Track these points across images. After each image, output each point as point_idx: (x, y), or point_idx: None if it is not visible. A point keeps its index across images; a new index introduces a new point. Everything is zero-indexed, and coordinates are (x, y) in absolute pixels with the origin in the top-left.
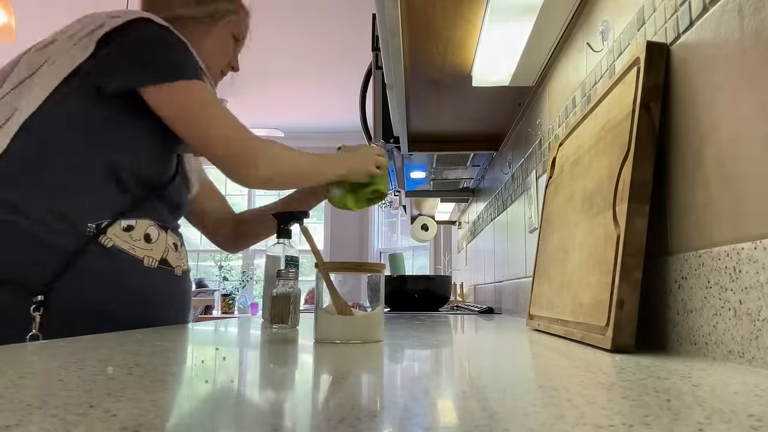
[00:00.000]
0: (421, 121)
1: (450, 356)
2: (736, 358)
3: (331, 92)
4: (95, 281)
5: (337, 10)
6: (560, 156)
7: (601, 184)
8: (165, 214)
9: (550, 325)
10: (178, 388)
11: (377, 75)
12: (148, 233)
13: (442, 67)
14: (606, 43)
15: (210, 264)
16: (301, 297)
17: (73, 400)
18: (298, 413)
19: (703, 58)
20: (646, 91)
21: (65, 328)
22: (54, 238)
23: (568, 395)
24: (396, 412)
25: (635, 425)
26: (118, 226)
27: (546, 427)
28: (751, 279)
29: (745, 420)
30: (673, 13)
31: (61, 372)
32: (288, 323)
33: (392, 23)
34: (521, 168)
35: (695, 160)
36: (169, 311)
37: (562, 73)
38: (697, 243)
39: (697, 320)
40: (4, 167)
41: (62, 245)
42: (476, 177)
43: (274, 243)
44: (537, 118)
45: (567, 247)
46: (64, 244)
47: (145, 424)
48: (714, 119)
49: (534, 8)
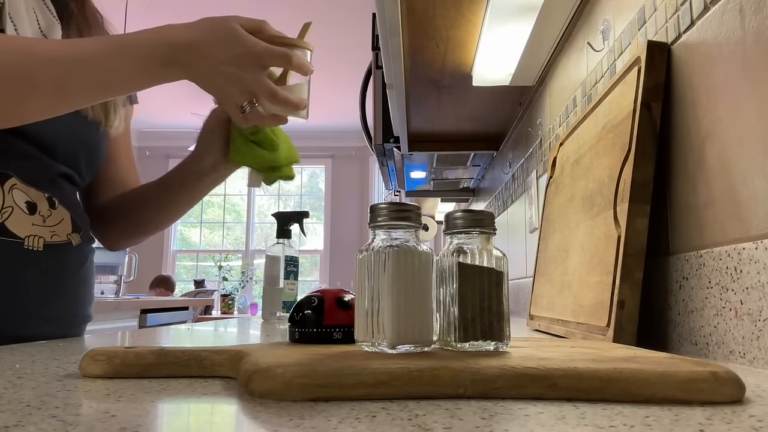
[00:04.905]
0: (421, 121)
1: None
2: (737, 358)
3: (331, 92)
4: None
5: (337, 10)
6: (561, 156)
7: (601, 184)
8: (10, 155)
9: (550, 325)
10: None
11: (377, 75)
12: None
13: (442, 67)
14: (607, 42)
15: (210, 264)
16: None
17: (72, 400)
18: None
19: (704, 57)
20: (647, 91)
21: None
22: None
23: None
24: (396, 413)
25: (636, 426)
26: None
27: (546, 428)
28: (752, 279)
29: (746, 420)
30: (674, 13)
31: (60, 372)
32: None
33: (392, 23)
34: (522, 168)
35: (696, 159)
36: (21, 307)
37: (562, 73)
38: (698, 243)
39: (698, 320)
40: None
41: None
42: (476, 177)
43: (274, 243)
44: (537, 117)
45: (568, 247)
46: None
47: (144, 424)
48: (715, 119)
49: (534, 8)
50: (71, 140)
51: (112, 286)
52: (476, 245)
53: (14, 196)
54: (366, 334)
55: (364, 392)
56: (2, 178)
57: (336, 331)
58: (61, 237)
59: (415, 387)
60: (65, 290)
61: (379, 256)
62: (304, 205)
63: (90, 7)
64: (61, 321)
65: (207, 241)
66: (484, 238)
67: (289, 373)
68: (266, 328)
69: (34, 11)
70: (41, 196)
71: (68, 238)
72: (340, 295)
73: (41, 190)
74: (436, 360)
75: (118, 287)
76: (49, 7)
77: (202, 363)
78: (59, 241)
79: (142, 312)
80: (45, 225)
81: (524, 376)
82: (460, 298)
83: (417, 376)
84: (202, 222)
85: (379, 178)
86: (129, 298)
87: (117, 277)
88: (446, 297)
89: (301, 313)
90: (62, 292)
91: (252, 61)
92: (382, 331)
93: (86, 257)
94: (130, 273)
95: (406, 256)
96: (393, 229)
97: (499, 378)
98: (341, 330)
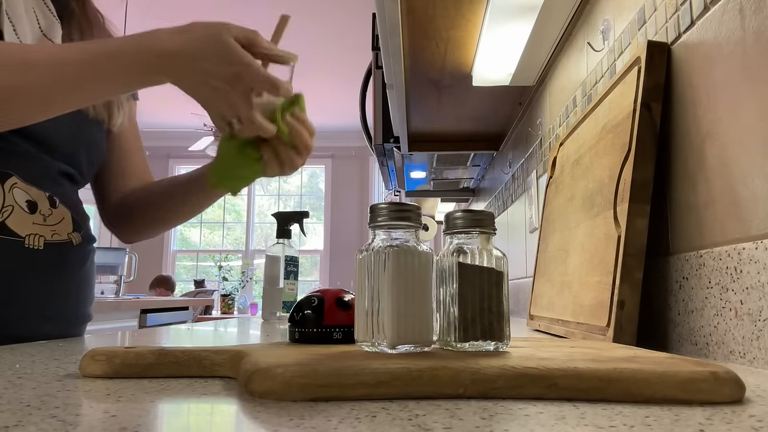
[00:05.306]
0: (421, 121)
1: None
2: (738, 358)
3: (331, 92)
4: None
5: (337, 9)
6: (561, 156)
7: (601, 184)
8: (11, 153)
9: (550, 325)
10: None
11: (377, 75)
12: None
13: (442, 67)
14: (607, 42)
15: (210, 264)
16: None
17: (72, 400)
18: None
19: (704, 57)
20: (647, 91)
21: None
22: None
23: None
24: (396, 413)
25: (636, 426)
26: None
27: (546, 428)
28: (752, 279)
29: (746, 420)
30: (674, 13)
31: (60, 372)
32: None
33: (392, 23)
34: (522, 168)
35: (696, 159)
36: (21, 306)
37: (562, 73)
38: (698, 243)
39: (698, 320)
40: None
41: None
42: (476, 177)
43: (274, 243)
44: (537, 117)
45: (568, 247)
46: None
47: (144, 424)
48: (715, 119)
49: (534, 8)
50: (72, 139)
51: (112, 286)
52: (476, 245)
53: (15, 195)
54: (366, 334)
55: (364, 392)
56: (3, 177)
57: (336, 331)
58: (62, 236)
59: (415, 387)
60: (66, 289)
61: (379, 256)
62: (304, 205)
63: (91, 8)
64: (61, 320)
65: (207, 241)
66: (484, 238)
67: (289, 373)
68: (266, 328)
69: (34, 11)
70: (42, 195)
71: (69, 237)
72: (340, 295)
73: (42, 189)
74: (436, 360)
75: (118, 287)
76: (50, 6)
77: (202, 363)
78: (60, 240)
79: (142, 312)
80: (46, 224)
81: (524, 376)
82: (460, 298)
83: (417, 376)
84: (202, 222)
85: (379, 178)
86: (129, 298)
87: (117, 277)
88: (446, 297)
89: (301, 313)
90: (63, 291)
91: (243, 81)
92: (382, 331)
93: (87, 256)
94: (130, 273)
95: (406, 256)
96: (393, 229)
97: (499, 378)
98: (341, 330)
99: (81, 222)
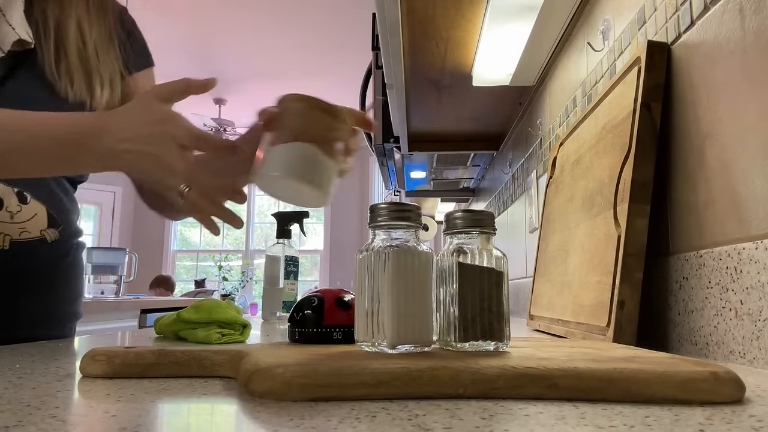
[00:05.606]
0: (421, 121)
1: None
2: (737, 358)
3: (331, 92)
4: None
5: (337, 9)
6: (561, 156)
7: (601, 184)
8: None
9: (550, 325)
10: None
11: (377, 75)
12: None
13: (442, 67)
14: (607, 42)
15: (210, 264)
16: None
17: (72, 400)
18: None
19: (704, 57)
20: (647, 91)
21: None
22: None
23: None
24: (396, 413)
25: (636, 426)
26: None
27: (546, 428)
28: (752, 279)
29: (746, 420)
30: (674, 13)
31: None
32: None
33: (392, 23)
34: (522, 168)
35: (696, 159)
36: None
37: (562, 73)
38: (698, 243)
39: (698, 320)
40: None
41: None
42: (476, 177)
43: (274, 243)
44: (537, 117)
45: (568, 247)
46: None
47: (144, 424)
48: (715, 119)
49: (534, 8)
50: None
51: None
52: (476, 245)
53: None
54: (366, 334)
55: (364, 392)
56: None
57: (336, 331)
58: (32, 233)
59: (415, 387)
60: (39, 289)
61: (379, 256)
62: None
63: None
64: (35, 322)
65: (207, 241)
66: (484, 238)
67: (289, 373)
68: (266, 328)
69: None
70: (9, 191)
71: (41, 234)
72: (340, 295)
73: (10, 185)
74: (436, 360)
75: (118, 287)
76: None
77: (202, 363)
78: (29, 237)
79: (142, 312)
80: (13, 222)
81: (524, 376)
82: (460, 298)
83: (417, 376)
84: None
85: (379, 178)
86: (129, 298)
87: (117, 277)
88: (446, 297)
89: (301, 313)
90: (35, 291)
91: (167, 139)
92: (382, 331)
93: (67, 252)
94: (130, 273)
95: (406, 256)
96: (393, 229)
97: (499, 378)
98: (341, 330)
99: (60, 217)
